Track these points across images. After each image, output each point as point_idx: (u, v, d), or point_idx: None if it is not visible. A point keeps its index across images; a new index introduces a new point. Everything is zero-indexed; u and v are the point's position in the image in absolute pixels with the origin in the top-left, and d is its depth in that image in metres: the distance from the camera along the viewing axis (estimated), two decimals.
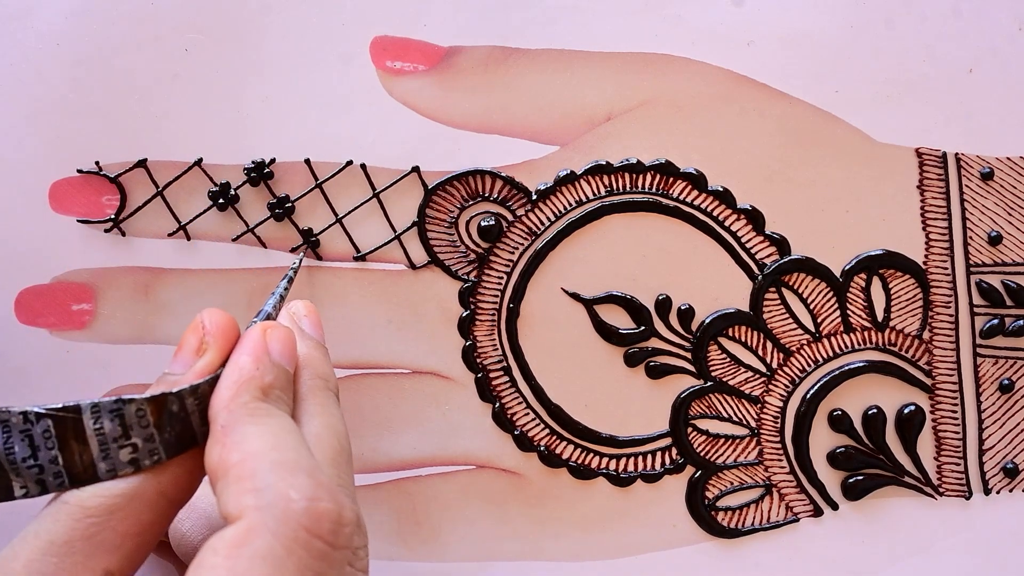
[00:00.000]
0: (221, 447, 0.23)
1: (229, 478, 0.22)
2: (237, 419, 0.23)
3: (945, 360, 0.36)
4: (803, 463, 0.36)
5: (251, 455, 0.22)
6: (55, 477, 0.23)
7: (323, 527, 0.22)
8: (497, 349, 0.35)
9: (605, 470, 0.35)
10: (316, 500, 0.22)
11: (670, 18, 0.35)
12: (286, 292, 0.30)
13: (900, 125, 0.35)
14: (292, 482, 0.22)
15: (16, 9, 0.34)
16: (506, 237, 0.35)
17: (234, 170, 0.35)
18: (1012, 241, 0.36)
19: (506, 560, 0.35)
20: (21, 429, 0.23)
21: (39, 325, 0.35)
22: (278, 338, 0.26)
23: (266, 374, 0.25)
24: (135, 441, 0.23)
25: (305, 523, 0.22)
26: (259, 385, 0.24)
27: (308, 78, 0.35)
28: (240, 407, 0.24)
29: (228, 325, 0.26)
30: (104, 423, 0.23)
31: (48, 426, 0.23)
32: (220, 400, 0.24)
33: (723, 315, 0.35)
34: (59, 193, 0.34)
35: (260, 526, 0.21)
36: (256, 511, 0.21)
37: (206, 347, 0.25)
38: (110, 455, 0.23)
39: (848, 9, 0.35)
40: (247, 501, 0.22)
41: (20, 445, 0.23)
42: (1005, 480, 0.36)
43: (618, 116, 0.35)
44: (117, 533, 0.23)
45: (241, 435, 0.23)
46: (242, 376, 0.24)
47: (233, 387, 0.24)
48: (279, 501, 0.22)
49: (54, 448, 0.23)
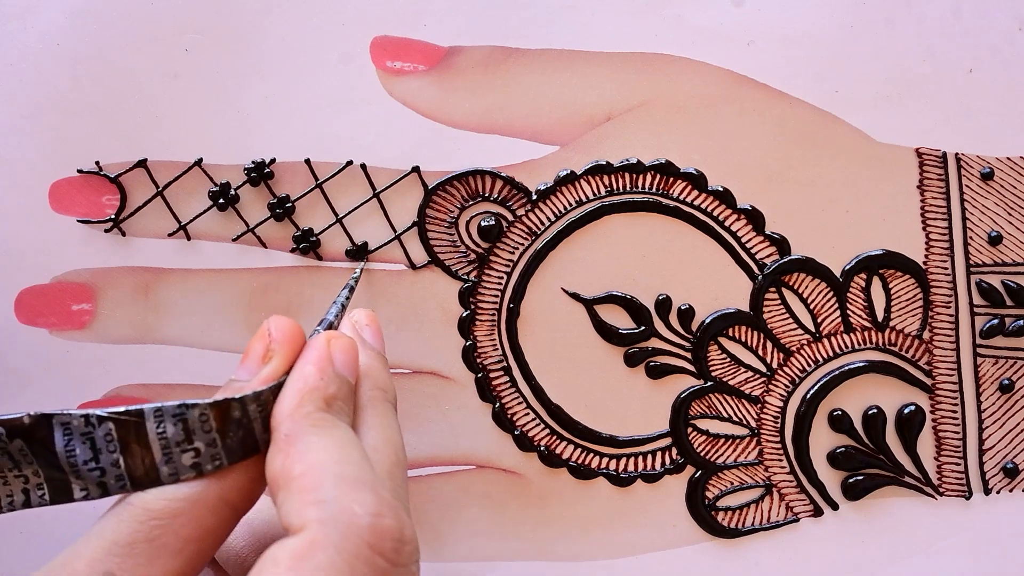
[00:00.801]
0: (284, 456, 0.23)
1: (292, 489, 0.22)
2: (301, 429, 0.23)
3: (945, 360, 0.36)
4: (803, 463, 0.36)
5: (315, 467, 0.22)
6: (116, 480, 0.23)
7: (386, 544, 0.22)
8: (497, 349, 0.35)
9: (605, 470, 0.35)
10: (380, 517, 0.22)
11: (670, 18, 0.35)
12: (347, 301, 0.30)
13: (900, 125, 0.35)
14: (356, 497, 0.22)
15: (16, 9, 0.34)
16: (506, 237, 0.35)
17: (234, 170, 0.35)
18: (1012, 241, 0.36)
19: (506, 560, 0.35)
20: (82, 432, 0.23)
21: (39, 325, 0.35)
22: (342, 348, 0.26)
23: (330, 385, 0.24)
24: (197, 446, 0.23)
25: (368, 539, 0.21)
26: (323, 396, 0.24)
27: (308, 78, 0.35)
28: (304, 417, 0.24)
29: (295, 333, 0.26)
30: (167, 427, 0.23)
31: (110, 429, 0.23)
32: (284, 409, 0.24)
33: (723, 315, 0.35)
34: (59, 193, 0.34)
35: (324, 539, 0.21)
36: (319, 524, 0.21)
37: (272, 354, 0.25)
38: (172, 459, 0.23)
39: (848, 9, 0.35)
40: (310, 514, 0.22)
41: (81, 448, 0.23)
42: (1005, 480, 0.36)
43: (618, 116, 0.35)
44: (179, 537, 0.23)
45: (305, 446, 0.23)
46: (306, 386, 0.24)
47: (297, 396, 0.24)
48: (343, 516, 0.21)
49: (116, 451, 0.23)
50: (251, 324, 0.35)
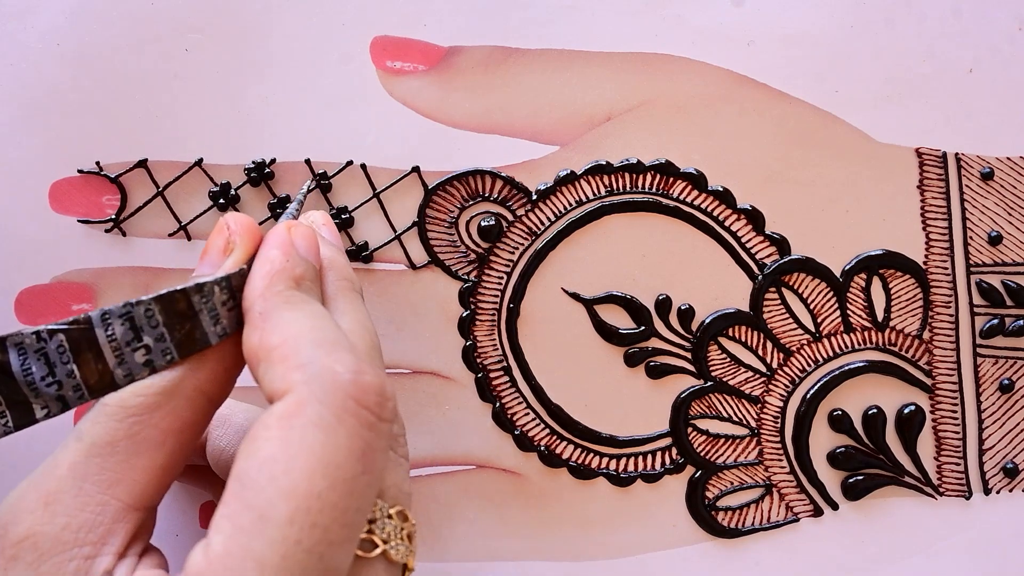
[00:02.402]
0: (260, 332, 0.23)
1: (272, 359, 0.23)
2: (273, 306, 0.24)
3: (945, 360, 0.36)
4: (803, 463, 0.36)
5: (292, 336, 0.23)
6: (75, 391, 0.23)
7: (369, 398, 0.22)
8: (497, 349, 0.35)
9: (605, 470, 0.35)
10: (360, 373, 0.22)
11: (670, 18, 0.35)
12: (298, 212, 0.30)
13: (900, 125, 0.35)
14: (336, 357, 0.22)
15: (16, 9, 0.34)
16: (506, 237, 0.35)
17: (234, 170, 0.35)
18: (1012, 241, 0.36)
19: (506, 560, 0.35)
20: (36, 348, 0.23)
21: (39, 325, 0.35)
22: (302, 235, 0.26)
23: (296, 266, 0.25)
24: (147, 342, 0.23)
25: (352, 393, 0.22)
26: (291, 275, 0.25)
27: (308, 78, 0.35)
28: (275, 295, 0.24)
29: (252, 226, 0.26)
30: (115, 329, 0.23)
31: (61, 341, 0.23)
32: (254, 290, 0.24)
33: (723, 315, 0.35)
34: (59, 193, 0.34)
35: (309, 397, 0.22)
36: (304, 384, 0.22)
37: (232, 246, 0.26)
38: (125, 360, 0.23)
39: (848, 9, 0.35)
40: (294, 377, 0.22)
41: (37, 365, 0.23)
42: (1005, 480, 0.36)
43: (618, 116, 0.35)
44: (159, 430, 0.23)
45: (279, 319, 0.23)
46: (273, 268, 0.25)
47: (266, 277, 0.24)
48: (325, 374, 0.22)
49: (70, 362, 0.23)
50: None
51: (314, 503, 0.21)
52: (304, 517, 0.21)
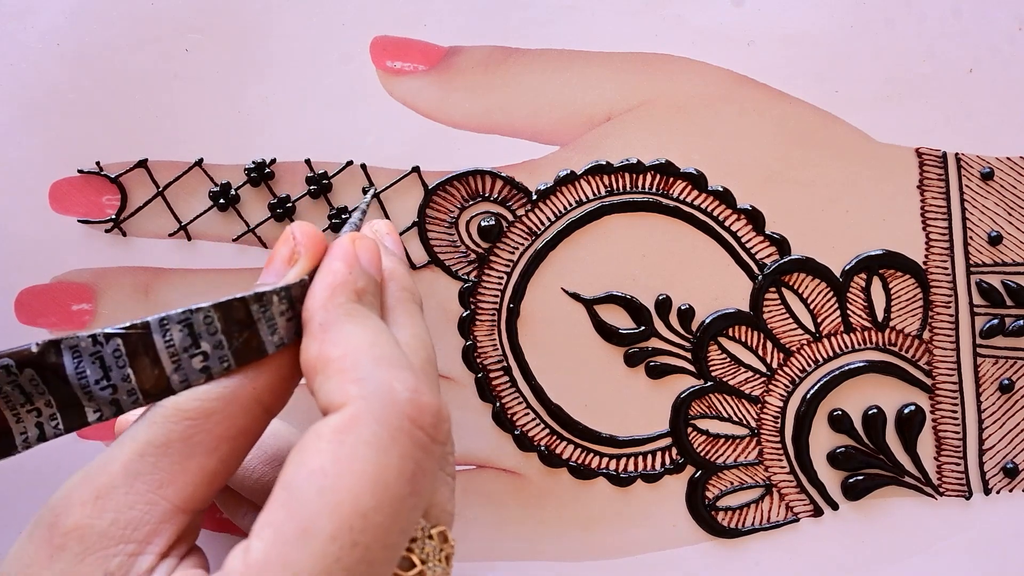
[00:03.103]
0: (320, 343, 0.23)
1: (330, 371, 0.23)
2: (334, 318, 0.24)
3: (945, 360, 0.36)
4: (803, 463, 0.36)
5: (352, 350, 0.23)
6: (129, 395, 0.23)
7: (425, 419, 0.22)
8: (497, 349, 0.35)
9: (605, 470, 0.35)
10: (418, 393, 0.22)
11: (670, 18, 0.35)
12: (360, 222, 0.30)
13: (900, 125, 0.35)
14: (395, 375, 0.22)
15: (16, 9, 0.34)
16: (506, 237, 0.35)
17: (234, 170, 0.35)
18: (1012, 241, 0.36)
19: (506, 560, 0.35)
20: (91, 352, 0.23)
21: (39, 325, 0.35)
22: (365, 248, 0.26)
23: (359, 279, 0.25)
24: (205, 349, 0.23)
25: (409, 413, 0.22)
26: (353, 288, 0.25)
27: (308, 78, 0.35)
28: (337, 307, 0.24)
29: (318, 236, 0.26)
30: (173, 335, 0.23)
31: (118, 345, 0.23)
32: (316, 301, 0.24)
33: (723, 315, 0.35)
34: (59, 193, 0.34)
35: (365, 413, 0.22)
36: (360, 399, 0.22)
37: (297, 256, 0.26)
38: (181, 366, 0.23)
39: (848, 9, 0.35)
40: (351, 390, 0.22)
41: (92, 368, 0.23)
42: (1005, 480, 0.36)
43: (618, 116, 0.35)
44: (213, 436, 0.23)
45: (339, 332, 0.23)
46: (336, 280, 0.25)
47: (328, 289, 0.24)
48: (384, 391, 0.22)
49: (126, 366, 0.23)
50: None
51: (358, 522, 0.21)
52: (347, 535, 0.21)
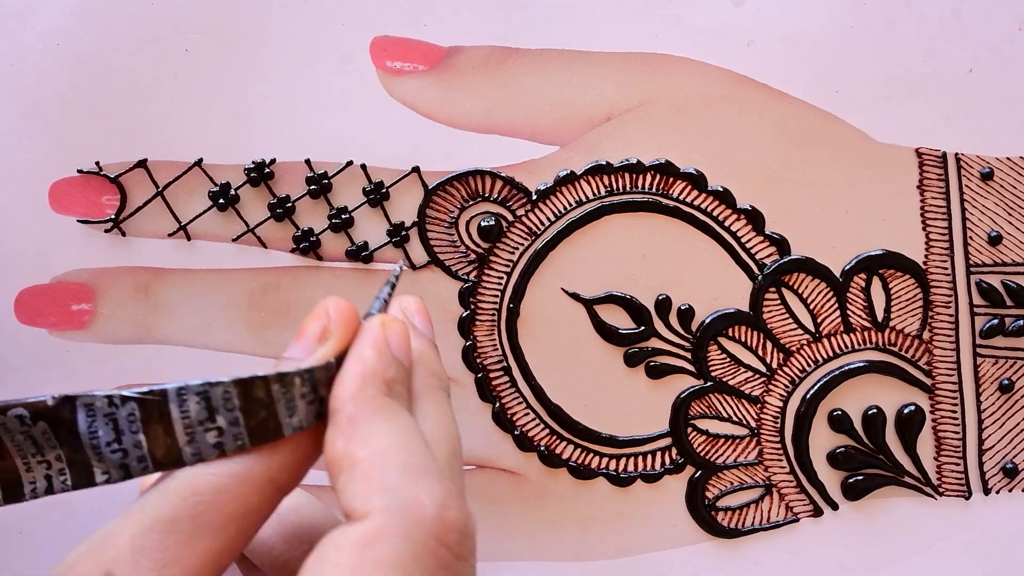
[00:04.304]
0: (347, 439, 0.22)
1: (355, 474, 0.22)
2: (363, 413, 0.23)
3: (945, 360, 0.36)
4: (803, 463, 0.36)
5: (379, 453, 0.22)
6: (139, 462, 0.23)
7: (451, 537, 0.21)
8: (497, 349, 0.35)
9: (605, 470, 0.35)
10: (446, 508, 0.21)
11: (670, 18, 0.35)
12: (390, 297, 0.28)
13: (900, 125, 0.35)
14: (423, 487, 0.22)
15: (16, 9, 0.34)
16: (506, 237, 0.35)
17: (234, 170, 0.35)
18: (1012, 241, 0.36)
19: (506, 560, 0.35)
20: (106, 413, 0.22)
21: (39, 325, 0.35)
22: (396, 332, 0.25)
23: (389, 368, 0.24)
24: (220, 424, 0.23)
25: (435, 530, 0.21)
26: (383, 379, 0.24)
27: (308, 78, 0.35)
28: (366, 401, 0.23)
29: (352, 315, 0.25)
30: (190, 406, 0.23)
31: (133, 409, 0.22)
32: (345, 391, 0.23)
33: (723, 315, 0.35)
34: (59, 193, 0.34)
35: (390, 528, 0.21)
36: (385, 513, 0.21)
37: (329, 335, 0.25)
38: (195, 439, 0.23)
39: (848, 9, 0.35)
40: (376, 501, 0.21)
41: (104, 429, 0.23)
42: (1005, 480, 0.36)
43: (618, 116, 0.35)
44: (222, 514, 0.22)
45: (368, 430, 0.23)
46: (366, 368, 0.24)
47: (359, 379, 0.23)
48: (410, 505, 0.21)
49: (139, 432, 0.23)
50: (251, 324, 0.35)
51: None
52: None
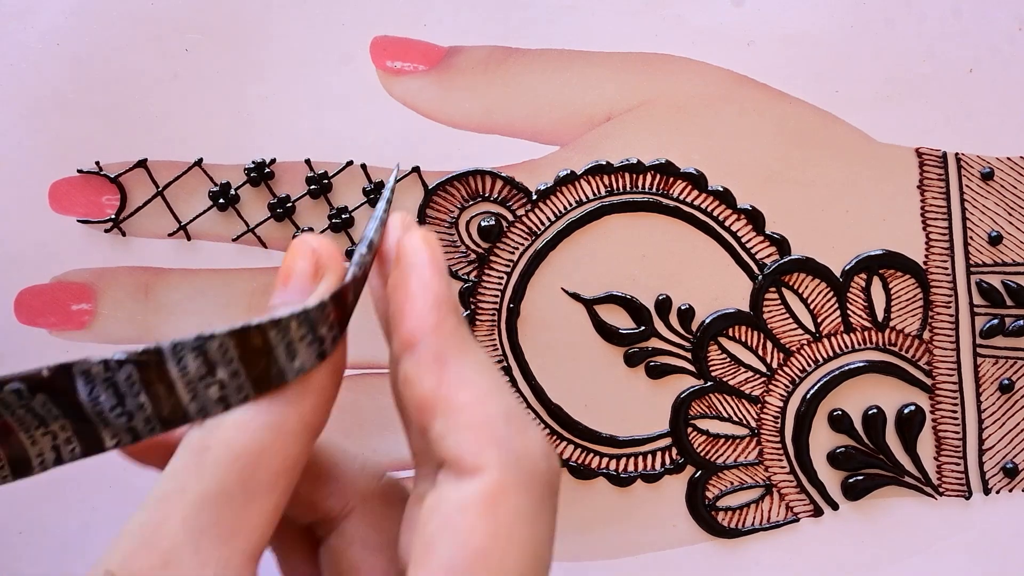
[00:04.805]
0: (438, 380, 0.21)
1: (458, 422, 0.21)
2: (450, 348, 0.21)
3: (945, 360, 0.36)
4: (803, 463, 0.36)
5: (480, 398, 0.21)
6: (146, 423, 0.22)
7: (557, 483, 0.22)
8: (497, 349, 0.35)
9: (605, 470, 0.35)
10: (551, 457, 0.22)
11: (670, 18, 0.35)
12: (386, 215, 0.26)
13: (900, 125, 0.35)
14: (530, 436, 0.21)
15: (16, 9, 0.34)
16: (506, 237, 0.35)
17: (234, 170, 0.35)
18: (1012, 241, 0.36)
19: None
20: (104, 378, 0.22)
21: (39, 325, 0.35)
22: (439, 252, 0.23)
23: (454, 293, 0.23)
24: (221, 378, 0.22)
25: (549, 480, 0.21)
26: (455, 306, 0.22)
27: (308, 78, 0.35)
28: (450, 333, 0.21)
29: (337, 248, 0.24)
30: (188, 362, 0.22)
31: (131, 372, 0.22)
32: (424, 323, 0.21)
33: (723, 315, 0.35)
34: (59, 193, 0.34)
35: (511, 483, 0.20)
36: (502, 468, 0.20)
37: (323, 271, 0.23)
38: (198, 395, 0.22)
39: (848, 9, 0.35)
40: (491, 455, 0.21)
41: (105, 394, 0.22)
42: (1005, 480, 0.36)
43: (618, 116, 0.35)
44: (271, 472, 0.21)
45: (460, 370, 0.21)
46: (439, 296, 0.22)
47: (435, 310, 0.21)
48: (525, 458, 0.21)
49: (140, 394, 0.22)
50: None
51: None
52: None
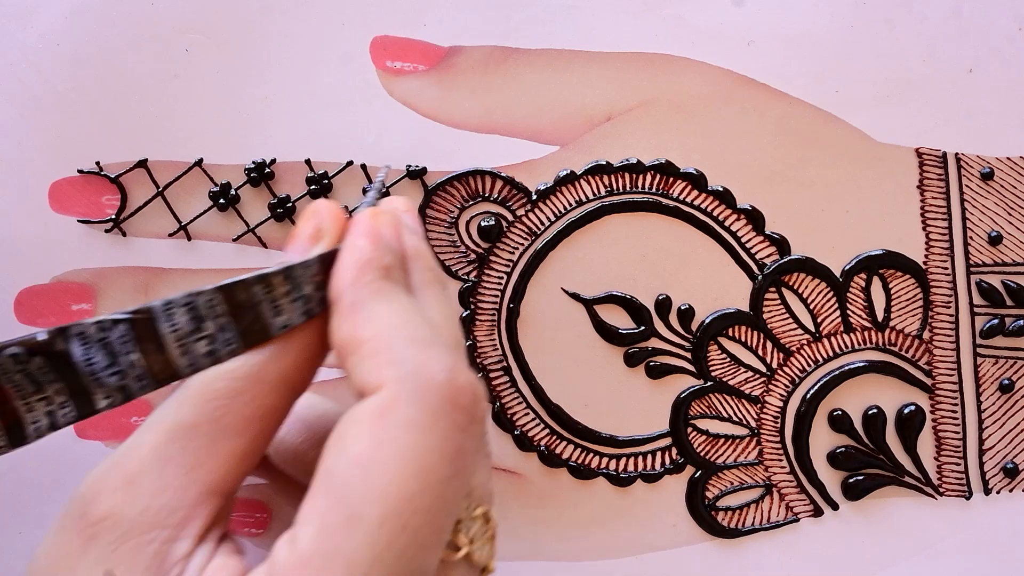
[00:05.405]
0: (351, 324, 0.23)
1: (363, 353, 0.22)
2: (364, 296, 0.23)
3: (945, 360, 0.36)
4: (803, 463, 0.36)
5: (384, 330, 0.22)
6: (137, 380, 0.23)
7: (464, 399, 0.22)
8: (497, 349, 0.35)
9: (605, 470, 0.35)
10: (456, 372, 0.22)
11: (670, 18, 0.35)
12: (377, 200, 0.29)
13: (900, 125, 0.35)
14: (431, 354, 0.22)
15: (16, 9, 0.34)
16: (506, 237, 0.35)
17: (235, 170, 0.35)
18: (1012, 241, 0.36)
19: (506, 560, 0.35)
20: (99, 339, 0.23)
21: (39, 325, 0.35)
22: (387, 223, 0.26)
23: (384, 255, 0.24)
24: (210, 332, 0.23)
25: (448, 394, 0.22)
26: (380, 265, 0.24)
27: (308, 78, 0.35)
28: (365, 285, 0.23)
29: (341, 214, 0.26)
30: (178, 319, 0.23)
31: (125, 330, 0.23)
32: (344, 280, 0.24)
33: (723, 315, 0.35)
34: (59, 193, 0.34)
35: (403, 396, 0.21)
36: (397, 382, 0.21)
37: (322, 234, 0.25)
38: (188, 350, 0.23)
39: (848, 9, 0.35)
40: (386, 373, 0.22)
41: (100, 355, 0.23)
42: (1005, 480, 0.36)
43: (618, 116, 0.35)
44: (242, 417, 0.23)
45: (370, 311, 0.23)
46: (363, 256, 0.24)
47: (356, 267, 0.24)
48: (421, 372, 0.22)
49: (133, 351, 0.23)
50: None
51: (406, 506, 0.21)
52: (396, 520, 0.20)
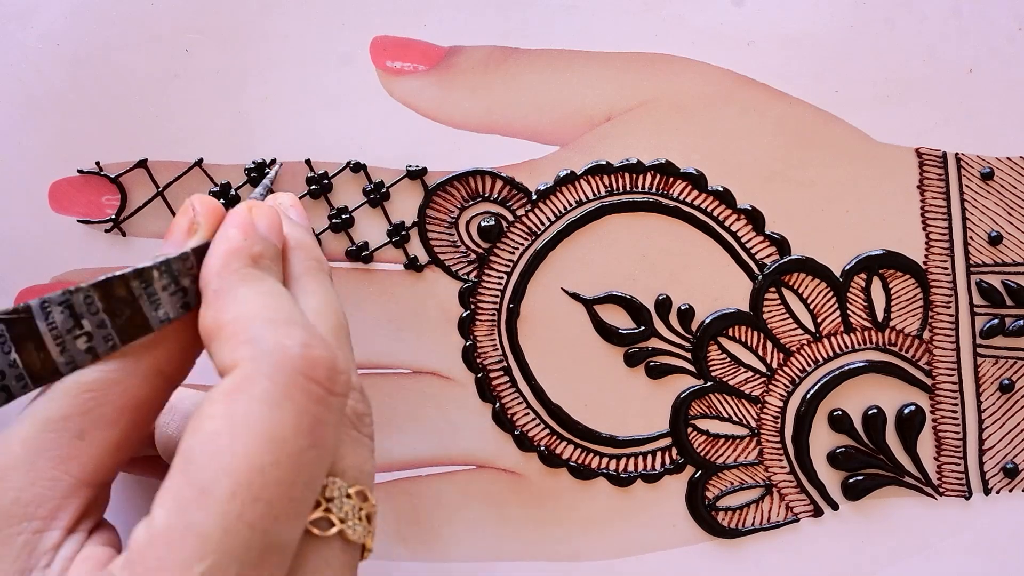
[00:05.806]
0: (214, 310, 0.23)
1: (223, 336, 0.23)
2: (229, 284, 0.24)
3: (945, 360, 0.36)
4: (803, 463, 0.36)
5: (243, 313, 0.23)
6: (18, 380, 0.23)
7: (319, 372, 0.22)
8: (497, 349, 0.35)
9: (605, 470, 0.35)
10: (310, 347, 0.22)
11: (670, 18, 0.35)
12: (264, 196, 0.30)
13: (900, 125, 0.35)
14: (286, 332, 0.22)
15: (16, 9, 0.34)
16: (506, 237, 0.35)
17: (234, 170, 0.35)
18: (1012, 241, 0.36)
19: (506, 560, 0.35)
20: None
21: None
22: (263, 214, 0.26)
23: (254, 245, 0.25)
24: (88, 330, 0.23)
25: (301, 367, 0.22)
26: (248, 254, 0.25)
27: (308, 78, 0.35)
28: (231, 273, 0.24)
29: (217, 208, 0.26)
30: (55, 317, 0.23)
31: (2, 331, 0.23)
32: (211, 269, 0.24)
33: (723, 315, 0.35)
34: (59, 193, 0.34)
35: (256, 372, 0.22)
36: (251, 360, 0.22)
37: (196, 227, 0.26)
38: (66, 348, 0.23)
39: (848, 9, 0.35)
40: (242, 352, 0.22)
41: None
42: (1005, 480, 0.36)
43: (618, 116, 0.35)
44: (114, 408, 0.23)
45: (233, 297, 0.23)
46: (231, 246, 0.25)
47: (223, 256, 0.24)
48: (274, 349, 0.22)
49: (11, 351, 0.23)
50: None
51: (256, 477, 0.21)
52: (246, 491, 0.21)
